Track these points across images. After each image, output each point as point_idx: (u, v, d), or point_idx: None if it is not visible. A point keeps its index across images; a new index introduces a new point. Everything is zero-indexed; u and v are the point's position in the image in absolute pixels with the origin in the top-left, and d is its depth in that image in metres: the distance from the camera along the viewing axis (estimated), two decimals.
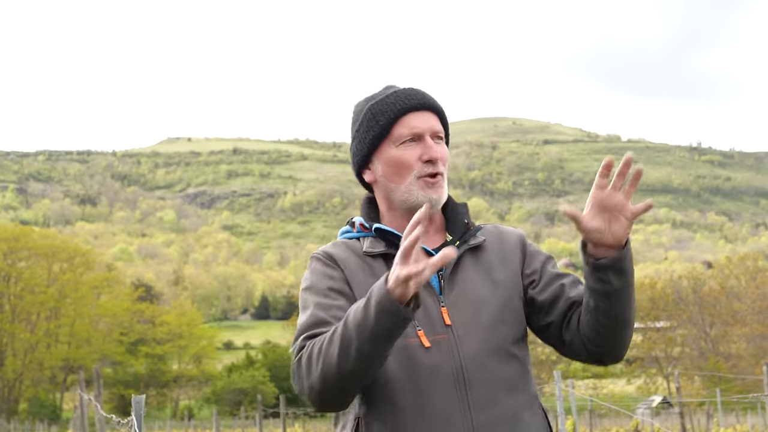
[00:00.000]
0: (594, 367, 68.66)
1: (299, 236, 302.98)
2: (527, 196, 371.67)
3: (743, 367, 77.43)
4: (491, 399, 3.04)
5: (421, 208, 2.76)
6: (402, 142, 3.23)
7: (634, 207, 3.00)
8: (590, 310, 3.07)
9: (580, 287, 3.21)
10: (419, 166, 3.20)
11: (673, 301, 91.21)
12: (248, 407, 65.86)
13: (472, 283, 3.19)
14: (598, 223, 2.99)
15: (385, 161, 3.26)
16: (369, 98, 3.37)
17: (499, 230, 3.34)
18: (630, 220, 2.98)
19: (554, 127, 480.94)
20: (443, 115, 3.28)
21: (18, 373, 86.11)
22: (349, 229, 3.38)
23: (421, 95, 3.27)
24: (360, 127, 3.34)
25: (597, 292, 3.02)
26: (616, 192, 3.00)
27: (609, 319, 3.04)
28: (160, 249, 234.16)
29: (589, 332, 3.11)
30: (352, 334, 2.84)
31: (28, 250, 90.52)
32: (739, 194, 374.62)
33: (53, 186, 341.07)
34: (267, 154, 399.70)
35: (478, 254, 3.25)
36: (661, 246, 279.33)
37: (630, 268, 3.01)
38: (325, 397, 2.96)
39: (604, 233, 2.98)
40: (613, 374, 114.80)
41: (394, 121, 3.25)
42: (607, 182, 3.01)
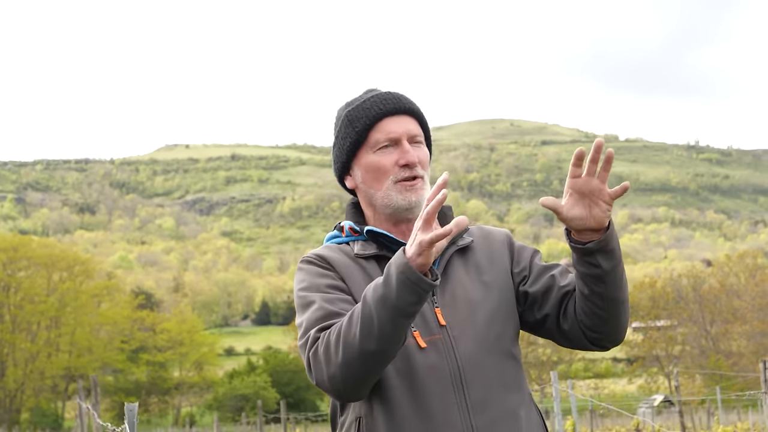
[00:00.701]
0: (596, 367, 69.03)
1: (299, 241, 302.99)
2: (526, 198, 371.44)
3: (744, 364, 77.45)
4: (489, 398, 3.06)
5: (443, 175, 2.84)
6: (379, 147, 3.25)
7: (611, 190, 3.01)
8: (585, 296, 3.09)
9: (570, 276, 3.23)
10: (396, 170, 3.23)
11: (673, 299, 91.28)
12: (250, 413, 65.76)
13: (463, 284, 3.20)
14: (578, 211, 3.01)
15: (363, 167, 3.29)
16: (348, 103, 3.39)
17: (484, 231, 3.36)
18: (609, 203, 3.00)
19: (552, 128, 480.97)
20: (421, 118, 3.29)
21: (19, 383, 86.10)
22: (337, 233, 3.40)
23: (396, 99, 3.27)
24: (338, 133, 3.36)
25: (588, 277, 3.04)
26: (591, 178, 3.02)
27: (604, 301, 3.06)
28: (160, 256, 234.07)
29: (586, 318, 3.13)
30: (373, 312, 2.85)
31: (28, 259, 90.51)
32: (738, 192, 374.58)
33: (52, 195, 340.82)
34: (265, 160, 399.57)
35: (466, 255, 3.27)
36: (660, 245, 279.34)
37: (617, 248, 3.03)
38: (348, 384, 2.94)
39: (586, 219, 3.01)
40: (615, 374, 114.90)
41: (370, 127, 3.26)
42: (581, 170, 3.03)
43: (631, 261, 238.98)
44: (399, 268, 2.81)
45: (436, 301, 3.17)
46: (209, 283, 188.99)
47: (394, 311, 2.82)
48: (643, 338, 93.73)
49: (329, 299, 3.11)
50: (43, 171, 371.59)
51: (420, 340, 3.10)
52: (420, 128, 3.28)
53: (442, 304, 3.16)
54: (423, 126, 3.30)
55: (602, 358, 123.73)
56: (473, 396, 3.05)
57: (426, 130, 3.32)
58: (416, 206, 3.22)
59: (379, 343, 2.86)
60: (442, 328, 3.13)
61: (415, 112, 3.26)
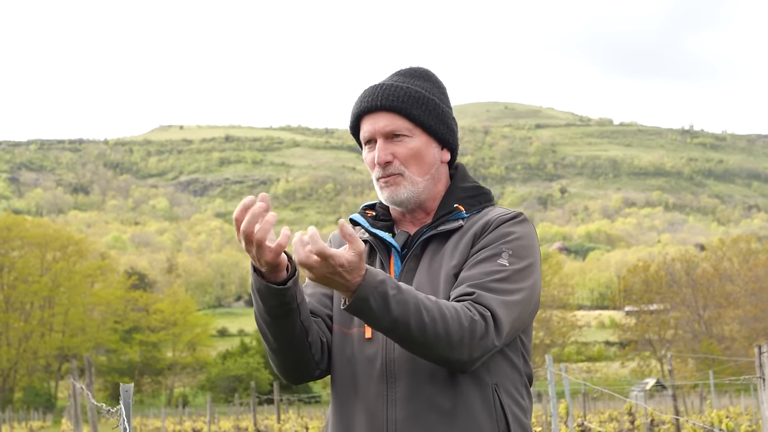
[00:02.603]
0: (588, 351, 68.96)
1: (292, 223, 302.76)
2: (520, 181, 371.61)
3: (736, 348, 77.69)
4: (415, 392, 3.06)
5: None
6: (365, 145, 3.31)
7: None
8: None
9: (459, 288, 3.10)
10: (376, 169, 3.26)
11: (667, 283, 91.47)
12: (243, 394, 65.88)
13: (422, 273, 3.21)
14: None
15: None
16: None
17: (484, 214, 3.29)
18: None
19: (546, 111, 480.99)
20: (403, 109, 3.24)
21: (12, 362, 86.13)
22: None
23: (371, 96, 3.27)
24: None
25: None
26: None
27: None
28: (153, 237, 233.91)
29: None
30: (257, 316, 3.12)
31: (21, 239, 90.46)
32: (732, 177, 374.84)
33: (45, 175, 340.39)
34: (259, 141, 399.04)
35: (446, 240, 3.25)
36: (653, 229, 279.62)
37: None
38: (279, 372, 3.22)
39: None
40: (607, 357, 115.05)
41: (357, 127, 3.33)
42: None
43: (625, 245, 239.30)
44: (252, 278, 3.00)
45: None
46: (203, 263, 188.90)
47: (257, 314, 3.07)
48: (636, 322, 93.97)
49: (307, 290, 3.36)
50: (37, 151, 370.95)
51: (368, 330, 3.16)
52: (406, 120, 3.24)
53: None
54: (412, 117, 3.24)
55: (594, 341, 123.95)
56: (399, 389, 3.07)
57: (418, 119, 3.25)
58: (395, 203, 3.26)
59: (265, 341, 3.15)
60: None
61: (394, 107, 3.24)
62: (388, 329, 2.91)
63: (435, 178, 3.29)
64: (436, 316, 2.90)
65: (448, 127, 3.33)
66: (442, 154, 3.32)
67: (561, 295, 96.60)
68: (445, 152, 3.34)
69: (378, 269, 2.91)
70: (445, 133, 3.31)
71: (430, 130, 3.27)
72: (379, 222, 3.33)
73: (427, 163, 3.26)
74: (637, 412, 24.11)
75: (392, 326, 2.89)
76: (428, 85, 3.32)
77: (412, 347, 2.95)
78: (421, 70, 3.37)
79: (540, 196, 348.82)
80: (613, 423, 22.06)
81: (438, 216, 3.25)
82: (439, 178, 3.31)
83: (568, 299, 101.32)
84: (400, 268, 3.23)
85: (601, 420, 26.30)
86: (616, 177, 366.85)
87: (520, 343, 3.22)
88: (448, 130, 3.32)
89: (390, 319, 2.88)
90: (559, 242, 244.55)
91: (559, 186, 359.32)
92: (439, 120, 3.29)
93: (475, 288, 3.03)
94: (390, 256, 3.27)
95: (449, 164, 3.38)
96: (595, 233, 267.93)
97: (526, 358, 3.25)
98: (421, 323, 2.89)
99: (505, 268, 3.08)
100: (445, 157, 3.34)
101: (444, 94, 3.37)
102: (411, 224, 3.32)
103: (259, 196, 2.88)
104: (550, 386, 11.66)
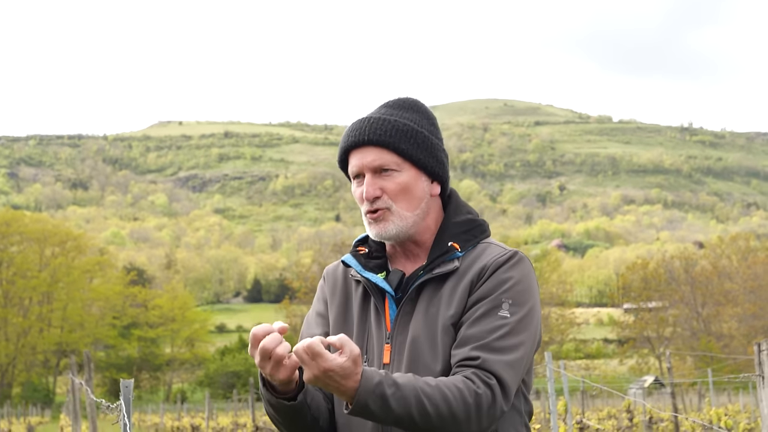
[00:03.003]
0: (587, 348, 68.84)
1: (291, 219, 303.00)
2: (519, 178, 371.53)
3: (735, 346, 77.67)
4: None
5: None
6: (353, 179, 3.28)
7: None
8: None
9: (460, 351, 3.07)
10: (364, 204, 3.24)
11: (665, 281, 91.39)
12: (241, 390, 65.85)
13: (419, 319, 3.18)
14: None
15: None
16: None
17: (479, 254, 3.23)
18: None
19: (545, 109, 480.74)
20: (391, 144, 3.20)
21: (11, 357, 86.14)
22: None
23: (358, 130, 3.23)
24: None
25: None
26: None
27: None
28: (152, 233, 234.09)
29: None
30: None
31: (20, 234, 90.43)
32: (731, 174, 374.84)
33: (44, 170, 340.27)
34: (258, 137, 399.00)
35: (442, 283, 3.20)
36: (652, 226, 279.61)
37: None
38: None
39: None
40: (606, 354, 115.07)
41: (345, 163, 3.31)
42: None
43: (624, 242, 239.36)
44: (262, 391, 3.09)
45: (389, 337, 3.18)
46: (201, 259, 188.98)
47: (269, 412, 3.12)
48: (635, 319, 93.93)
49: (309, 334, 3.34)
50: (36, 146, 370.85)
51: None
52: (394, 154, 3.20)
53: (395, 341, 3.18)
54: (400, 151, 3.20)
55: (593, 339, 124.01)
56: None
57: (406, 153, 3.21)
58: (384, 238, 3.24)
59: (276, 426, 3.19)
60: (385, 367, 3.16)
61: (380, 141, 3.20)
62: (393, 424, 2.93)
63: (425, 211, 3.25)
64: (438, 402, 2.90)
65: (438, 159, 3.26)
66: (432, 187, 3.27)
67: (559, 292, 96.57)
68: (435, 185, 3.28)
69: (373, 369, 2.90)
70: (435, 165, 3.26)
71: (419, 163, 3.22)
72: (372, 261, 3.29)
73: (417, 198, 3.22)
74: (636, 410, 24.14)
75: (397, 422, 2.91)
76: (417, 117, 3.27)
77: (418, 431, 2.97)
78: (410, 101, 3.32)
79: (539, 194, 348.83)
80: (612, 420, 22.08)
81: (432, 257, 3.20)
82: (428, 212, 3.27)
83: (567, 296, 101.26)
84: (395, 311, 3.20)
85: (600, 417, 26.31)
86: (615, 174, 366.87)
87: (521, 383, 3.20)
88: (437, 162, 3.26)
89: (393, 417, 2.89)
90: (557, 239, 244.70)
91: (558, 183, 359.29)
92: (428, 153, 3.24)
93: (479, 351, 3.01)
94: (384, 299, 3.23)
95: (441, 194, 3.34)
96: (593, 230, 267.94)
97: (526, 396, 3.24)
98: (425, 413, 2.89)
99: (506, 321, 3.06)
100: (435, 190, 3.28)
101: (433, 125, 3.31)
102: (404, 259, 3.30)
103: (280, 327, 2.92)
104: (549, 384, 11.66)
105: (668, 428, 19.10)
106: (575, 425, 15.22)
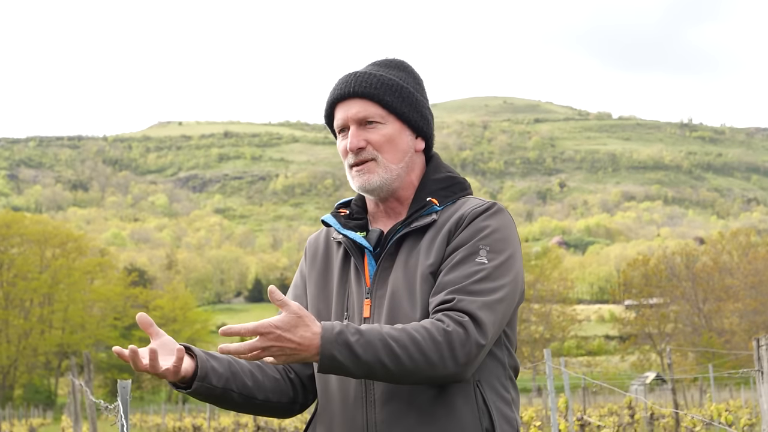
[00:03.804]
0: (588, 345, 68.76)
1: (292, 218, 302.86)
2: (519, 175, 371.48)
3: (736, 342, 77.64)
4: (393, 393, 3.05)
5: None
6: (339, 133, 3.30)
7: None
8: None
9: (438, 296, 3.05)
10: (348, 156, 3.25)
11: (666, 277, 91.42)
12: None
13: (398, 272, 3.18)
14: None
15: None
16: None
17: (457, 207, 3.24)
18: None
19: (545, 106, 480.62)
20: (376, 96, 3.22)
21: (12, 359, 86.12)
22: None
23: (344, 84, 3.26)
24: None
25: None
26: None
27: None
28: (153, 233, 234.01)
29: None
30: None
31: (21, 236, 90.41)
32: (731, 170, 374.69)
33: (45, 172, 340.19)
34: (258, 137, 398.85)
35: (421, 236, 3.21)
36: (653, 223, 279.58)
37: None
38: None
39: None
40: (607, 351, 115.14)
41: (331, 115, 3.33)
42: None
43: (624, 239, 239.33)
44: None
45: (369, 291, 3.18)
46: (202, 260, 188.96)
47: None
48: (636, 316, 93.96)
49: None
50: (36, 147, 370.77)
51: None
52: (379, 106, 3.22)
53: (375, 295, 3.17)
54: (384, 103, 3.22)
55: (594, 335, 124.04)
56: (378, 390, 3.06)
57: (390, 106, 3.23)
58: (367, 191, 3.24)
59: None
60: (365, 321, 3.15)
61: (365, 93, 3.23)
62: (365, 375, 2.90)
63: (408, 166, 3.26)
64: (407, 344, 2.88)
65: (422, 115, 3.28)
66: (416, 142, 3.29)
67: (560, 289, 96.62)
68: (420, 141, 3.30)
69: (334, 322, 2.89)
70: (419, 120, 3.27)
71: (403, 117, 3.24)
72: (352, 221, 3.30)
73: (401, 150, 3.24)
74: (637, 406, 24.15)
75: (368, 370, 2.89)
76: (403, 75, 3.30)
77: (397, 381, 2.94)
78: (397, 60, 3.35)
79: (539, 191, 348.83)
80: (613, 417, 22.08)
81: (411, 212, 3.21)
82: (413, 167, 3.28)
83: (568, 293, 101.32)
84: (374, 267, 3.20)
85: (601, 414, 26.32)
86: (615, 171, 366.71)
87: (504, 335, 3.17)
88: (421, 118, 3.28)
89: (362, 365, 2.87)
90: (558, 236, 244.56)
91: (558, 180, 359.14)
92: (413, 108, 3.26)
93: (455, 294, 2.99)
94: (364, 256, 3.24)
95: (425, 154, 3.35)
96: (594, 227, 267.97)
97: (510, 349, 3.21)
98: (394, 356, 2.87)
99: (484, 266, 3.03)
100: (419, 145, 3.30)
101: (419, 85, 3.33)
102: (386, 217, 3.30)
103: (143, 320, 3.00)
104: (549, 381, 11.65)
105: (669, 424, 19.11)
106: (576, 422, 15.23)
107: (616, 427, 18.54)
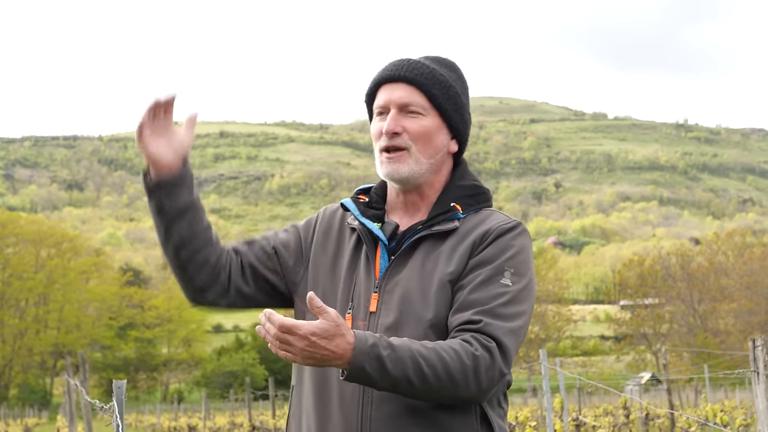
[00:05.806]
0: (583, 345, 69.03)
1: (287, 218, 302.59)
2: (514, 176, 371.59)
3: (731, 342, 77.73)
4: (392, 394, 2.99)
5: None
6: (377, 114, 3.25)
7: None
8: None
9: (458, 316, 3.04)
10: (381, 139, 3.21)
11: (662, 277, 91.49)
12: (238, 390, 65.86)
13: (412, 272, 3.14)
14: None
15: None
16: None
17: (482, 219, 3.21)
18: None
19: (541, 106, 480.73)
20: (424, 86, 3.19)
21: (7, 359, 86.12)
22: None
23: (395, 67, 3.23)
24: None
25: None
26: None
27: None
28: (148, 233, 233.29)
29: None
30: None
31: (16, 236, 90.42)
32: (726, 171, 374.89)
33: (40, 172, 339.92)
34: (254, 137, 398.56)
35: (441, 241, 3.17)
36: (648, 223, 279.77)
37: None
38: (180, 285, 3.48)
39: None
40: (602, 352, 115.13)
41: (372, 95, 3.28)
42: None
43: (620, 239, 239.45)
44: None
45: (378, 285, 3.14)
46: None
47: (153, 217, 3.41)
48: (631, 316, 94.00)
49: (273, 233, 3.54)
50: (31, 147, 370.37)
51: (349, 322, 3.11)
52: (424, 97, 3.19)
53: (383, 290, 3.13)
54: (430, 95, 3.19)
55: (589, 336, 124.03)
56: (376, 390, 3.02)
57: (435, 100, 3.20)
58: (395, 179, 3.21)
59: (159, 241, 3.47)
60: (370, 315, 3.12)
61: (413, 80, 3.20)
62: (389, 389, 2.89)
63: (438, 165, 3.23)
64: (435, 363, 2.87)
65: (463, 118, 3.26)
66: (450, 143, 3.25)
67: (556, 289, 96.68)
68: (454, 143, 3.27)
69: (366, 332, 2.86)
70: (459, 122, 3.25)
71: (445, 114, 3.22)
72: (371, 210, 3.27)
73: (435, 146, 3.20)
74: (632, 407, 24.15)
75: (393, 384, 2.87)
76: (453, 75, 3.27)
77: (419, 398, 2.94)
78: (450, 61, 3.32)
79: (534, 191, 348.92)
80: (608, 417, 22.07)
81: (433, 214, 3.18)
82: (441, 168, 3.25)
83: (563, 294, 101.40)
84: (386, 263, 3.17)
85: (596, 414, 26.31)
86: (610, 171, 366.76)
87: None
88: (461, 120, 3.25)
89: (390, 380, 2.85)
90: (553, 237, 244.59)
91: (554, 180, 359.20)
92: (456, 108, 3.23)
93: (482, 315, 2.98)
94: (377, 248, 3.21)
95: (456, 156, 3.32)
96: (589, 228, 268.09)
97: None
98: (422, 375, 2.86)
99: (508, 290, 3.03)
100: (453, 147, 3.27)
101: (465, 89, 3.31)
102: (404, 210, 3.27)
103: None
104: (545, 381, 11.67)
105: (664, 425, 19.13)
106: (571, 422, 15.23)
107: (611, 427, 18.57)
